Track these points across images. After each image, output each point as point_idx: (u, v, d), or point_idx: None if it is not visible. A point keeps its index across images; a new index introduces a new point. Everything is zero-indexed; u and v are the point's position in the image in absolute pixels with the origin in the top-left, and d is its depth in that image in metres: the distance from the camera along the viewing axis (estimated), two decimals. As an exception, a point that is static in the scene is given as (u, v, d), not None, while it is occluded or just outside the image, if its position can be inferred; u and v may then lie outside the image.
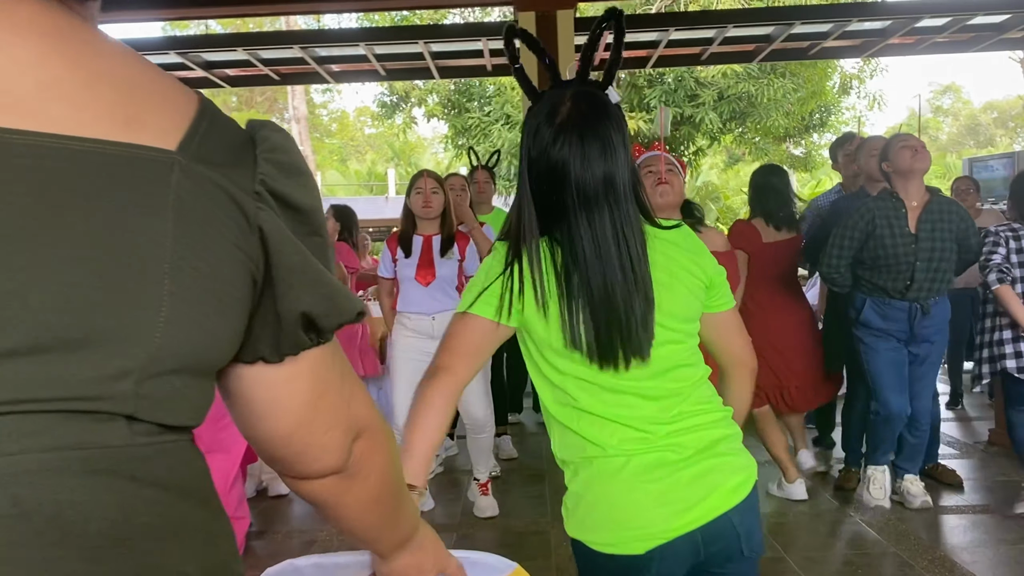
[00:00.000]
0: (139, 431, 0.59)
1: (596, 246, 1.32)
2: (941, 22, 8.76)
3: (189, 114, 0.63)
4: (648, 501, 1.32)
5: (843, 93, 15.89)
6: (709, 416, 1.41)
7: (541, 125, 1.36)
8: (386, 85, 15.37)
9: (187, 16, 13.19)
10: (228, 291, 0.63)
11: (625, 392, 1.36)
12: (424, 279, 3.70)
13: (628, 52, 9.76)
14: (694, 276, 1.43)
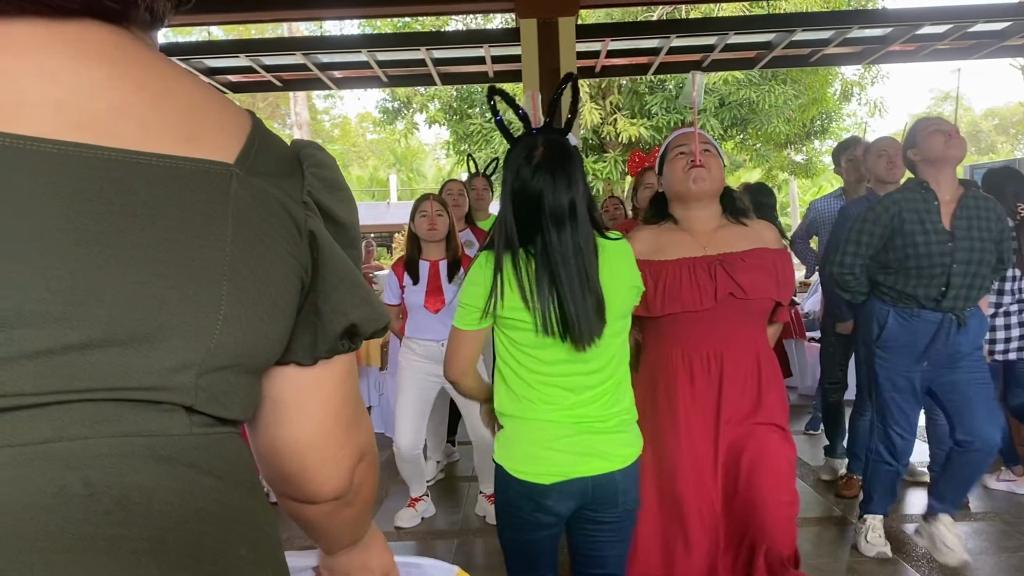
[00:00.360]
0: (197, 422, 0.64)
1: (562, 256, 1.73)
2: (942, 29, 8.78)
3: (244, 131, 0.69)
4: (559, 449, 1.77)
5: (844, 100, 15.90)
6: (618, 403, 1.86)
7: (521, 165, 1.78)
8: (388, 91, 15.40)
9: (189, 22, 13.22)
10: (280, 294, 0.68)
11: (565, 371, 1.79)
12: (433, 306, 3.66)
13: (629, 59, 9.80)
14: (630, 281, 1.90)
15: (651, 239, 2.29)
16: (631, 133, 13.74)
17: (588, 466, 1.77)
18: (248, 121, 0.71)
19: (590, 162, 14.20)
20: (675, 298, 2.18)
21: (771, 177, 17.73)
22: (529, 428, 1.80)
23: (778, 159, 16.85)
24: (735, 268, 2.17)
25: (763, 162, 16.76)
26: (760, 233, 2.27)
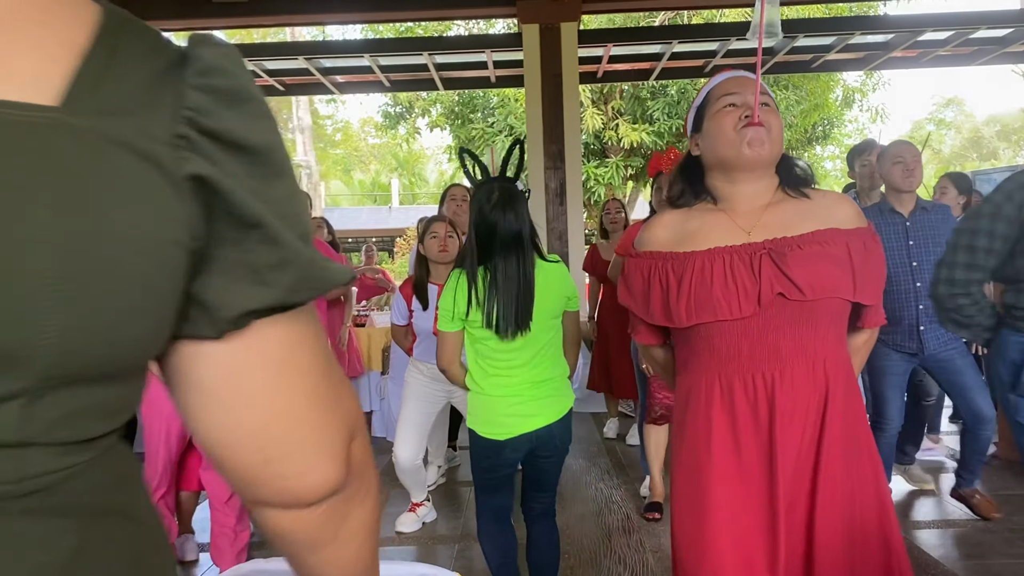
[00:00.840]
0: (34, 460, 0.47)
1: (506, 273, 2.36)
2: (944, 35, 8.79)
3: (78, 43, 0.47)
4: (509, 414, 2.42)
5: (846, 106, 15.90)
6: (552, 373, 2.47)
7: (483, 204, 2.38)
8: (390, 96, 15.43)
9: (191, 27, 13.28)
10: (147, 277, 0.48)
11: (509, 356, 2.41)
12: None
13: (632, 64, 9.81)
14: (561, 291, 2.48)
15: (676, 224, 1.69)
16: (633, 138, 13.75)
17: (531, 423, 2.43)
18: (92, 20, 0.49)
19: (591, 167, 14.21)
20: (705, 303, 1.57)
21: (773, 183, 17.75)
22: (488, 401, 2.45)
23: (780, 165, 16.84)
24: (787, 259, 1.54)
25: (765, 168, 16.74)
26: (829, 209, 1.63)
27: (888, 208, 3.57)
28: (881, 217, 3.54)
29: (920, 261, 3.49)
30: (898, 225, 3.52)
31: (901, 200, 3.55)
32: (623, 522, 3.78)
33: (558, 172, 7.95)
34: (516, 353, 2.40)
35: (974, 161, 35.44)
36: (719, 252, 1.59)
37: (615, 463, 4.84)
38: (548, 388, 2.47)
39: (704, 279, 1.57)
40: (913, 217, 3.53)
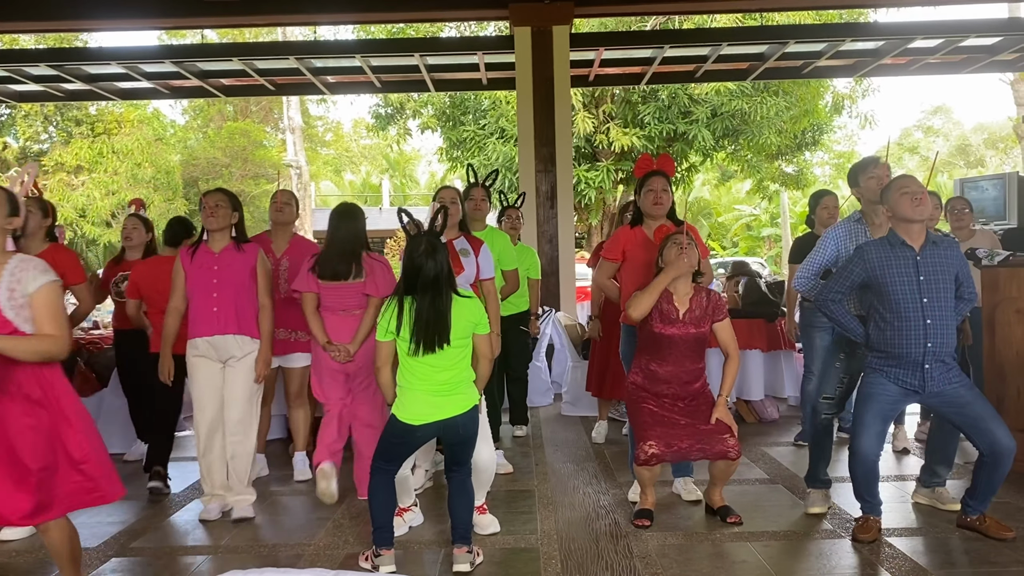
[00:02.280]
0: None
1: (426, 303, 3.11)
2: (934, 43, 8.84)
3: None
4: (423, 406, 3.16)
5: (835, 112, 15.96)
6: (459, 378, 3.21)
7: (412, 251, 3.15)
8: (381, 97, 15.40)
9: (183, 25, 13.23)
10: None
11: (426, 364, 3.14)
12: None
13: (623, 68, 9.82)
14: (470, 319, 3.20)
15: None
16: (623, 142, 13.76)
17: (440, 414, 3.17)
18: None
19: (582, 170, 14.22)
20: None
21: (762, 188, 17.79)
22: (409, 394, 3.18)
23: (769, 170, 16.91)
24: None
25: (754, 173, 16.82)
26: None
27: (899, 242, 3.44)
28: (891, 251, 3.43)
29: (930, 297, 3.38)
30: (908, 260, 3.41)
31: (911, 232, 3.43)
32: (611, 527, 3.77)
33: (549, 175, 7.95)
34: (432, 361, 3.13)
35: (961, 168, 35.67)
36: None
37: (603, 467, 4.83)
38: (455, 389, 3.20)
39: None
40: (924, 252, 3.41)
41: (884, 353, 3.48)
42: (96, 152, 20.56)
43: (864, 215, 3.98)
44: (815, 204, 5.30)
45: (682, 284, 3.80)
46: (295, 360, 4.75)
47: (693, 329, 3.76)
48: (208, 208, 4.02)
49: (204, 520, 3.98)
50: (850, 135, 26.72)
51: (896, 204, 3.44)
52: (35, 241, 4.34)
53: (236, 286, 3.99)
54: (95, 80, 9.43)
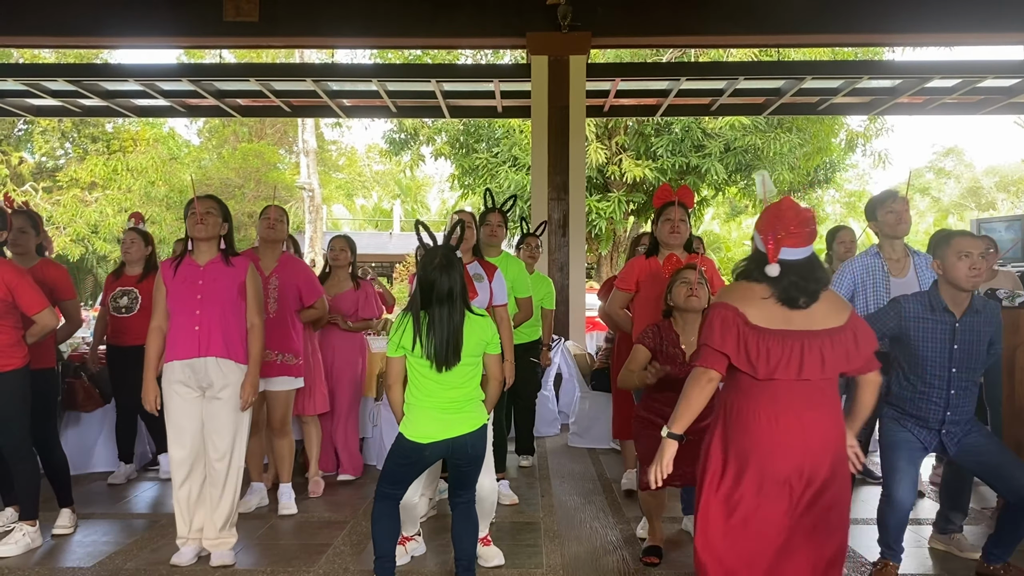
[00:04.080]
0: None
1: (441, 317, 3.03)
2: (951, 83, 8.83)
3: None
4: (431, 424, 3.08)
5: (849, 150, 15.96)
6: (469, 396, 3.14)
7: (427, 264, 3.08)
8: (395, 122, 15.46)
9: (202, 45, 13.34)
10: None
11: (436, 382, 3.06)
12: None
13: (639, 100, 9.82)
14: (482, 337, 3.14)
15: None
16: (636, 174, 13.76)
17: (449, 432, 3.08)
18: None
19: (593, 200, 14.20)
20: None
21: (774, 224, 17.73)
22: (418, 412, 3.09)
23: (781, 206, 16.85)
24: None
25: (766, 208, 16.75)
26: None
27: (941, 307, 3.24)
28: (932, 314, 3.25)
29: (959, 367, 3.23)
30: (946, 327, 3.23)
31: (957, 299, 3.23)
32: (619, 564, 3.67)
33: (561, 203, 7.91)
34: (442, 379, 3.06)
35: (972, 210, 35.57)
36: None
37: (611, 502, 4.73)
38: (464, 407, 3.13)
39: None
40: (964, 319, 3.23)
41: (901, 410, 3.36)
42: (111, 169, 20.67)
43: (881, 249, 3.93)
44: (832, 239, 5.24)
45: (691, 324, 3.54)
46: (279, 384, 4.39)
47: None
48: (197, 214, 3.61)
49: (175, 565, 3.57)
50: (862, 174, 26.72)
51: (951, 268, 3.19)
52: (26, 258, 4.23)
53: (222, 303, 3.60)
54: (112, 96, 9.48)
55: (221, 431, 3.59)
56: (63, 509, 4.07)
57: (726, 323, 2.39)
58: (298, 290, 4.50)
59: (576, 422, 6.49)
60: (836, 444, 2.40)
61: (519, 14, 7.80)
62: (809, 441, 2.35)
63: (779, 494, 2.35)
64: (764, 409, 2.37)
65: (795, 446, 2.34)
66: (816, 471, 2.36)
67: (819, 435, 2.36)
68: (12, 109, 9.97)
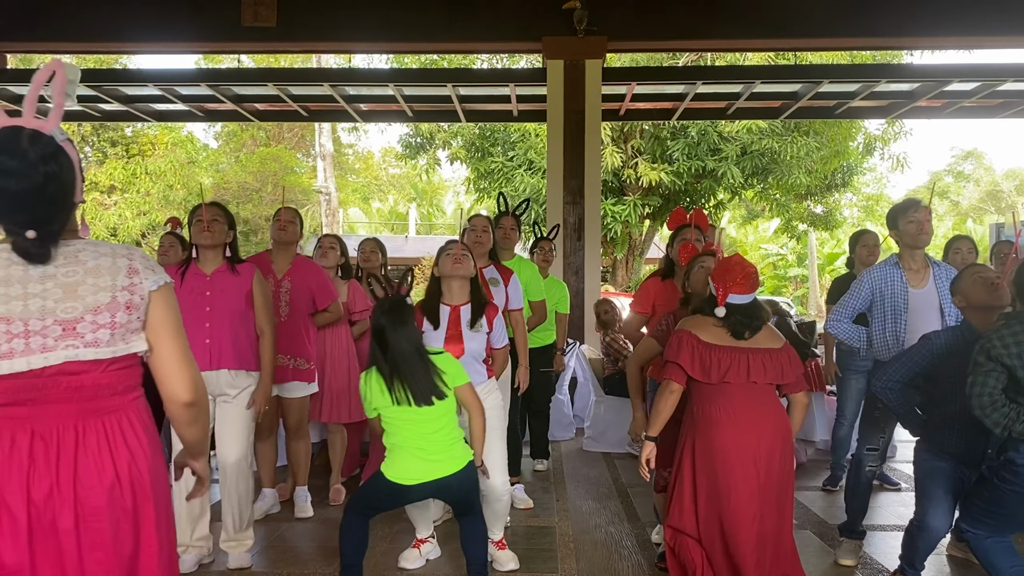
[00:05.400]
0: None
1: (404, 371, 3.04)
2: (970, 87, 8.76)
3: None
4: (414, 465, 3.05)
5: (866, 154, 15.85)
6: (450, 437, 3.11)
7: (380, 317, 3.07)
8: (411, 126, 15.51)
9: (220, 50, 13.43)
10: None
11: (415, 424, 3.05)
12: (453, 354, 3.33)
13: (655, 103, 9.81)
14: (450, 377, 3.11)
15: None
16: (651, 177, 13.73)
17: (433, 473, 3.07)
18: None
19: (609, 204, 14.19)
20: None
21: (790, 228, 17.65)
22: (400, 453, 3.08)
23: (797, 210, 16.79)
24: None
25: (782, 212, 16.70)
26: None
27: (974, 336, 3.06)
28: (965, 346, 3.04)
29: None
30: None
31: (988, 323, 3.08)
32: (634, 569, 3.66)
33: (577, 207, 7.92)
34: (419, 421, 3.04)
35: (992, 214, 35.26)
36: None
37: (626, 506, 4.72)
38: (446, 448, 3.09)
39: None
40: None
41: (940, 447, 3.20)
42: (130, 173, 20.84)
43: (900, 259, 3.86)
44: (855, 243, 5.20)
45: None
46: (294, 390, 4.33)
47: None
48: (203, 222, 3.57)
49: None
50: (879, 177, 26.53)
51: (971, 292, 3.16)
52: None
53: (232, 314, 3.56)
54: (132, 101, 9.57)
55: (232, 433, 3.59)
56: None
57: (682, 342, 2.98)
58: (311, 293, 4.41)
59: (591, 426, 6.48)
60: (784, 431, 2.97)
61: (535, 18, 7.82)
62: (762, 429, 2.92)
63: (746, 474, 2.87)
64: (723, 408, 2.93)
65: (751, 434, 2.89)
66: (772, 451, 2.90)
67: (770, 424, 2.94)
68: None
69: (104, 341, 1.66)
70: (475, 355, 3.53)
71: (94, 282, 1.66)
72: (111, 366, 1.68)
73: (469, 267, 3.52)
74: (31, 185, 1.58)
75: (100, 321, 1.66)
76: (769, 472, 2.89)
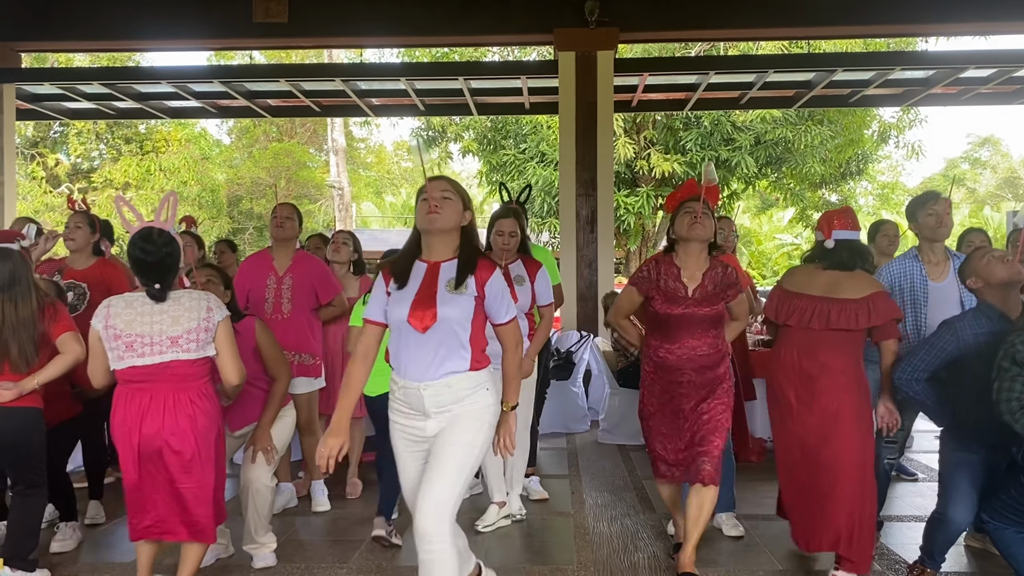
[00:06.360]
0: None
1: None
2: (986, 73, 8.67)
3: None
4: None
5: (881, 142, 15.72)
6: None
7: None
8: (423, 120, 15.52)
9: (232, 47, 13.50)
10: None
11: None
12: (420, 322, 2.54)
13: (667, 94, 9.77)
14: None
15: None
16: (664, 168, 13.68)
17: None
18: None
19: (622, 196, 14.15)
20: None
21: (805, 217, 17.55)
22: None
23: (812, 199, 16.69)
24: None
25: (797, 202, 16.61)
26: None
27: (996, 315, 3.09)
28: (991, 325, 3.08)
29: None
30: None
31: (1009, 302, 3.09)
32: (650, 560, 3.67)
33: (590, 200, 7.90)
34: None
35: (1009, 201, 34.89)
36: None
37: (641, 498, 4.72)
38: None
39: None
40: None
41: (970, 437, 3.15)
42: (144, 170, 20.98)
43: (920, 252, 3.82)
44: (875, 233, 5.14)
45: (693, 257, 3.33)
46: (299, 385, 4.29)
47: (706, 308, 3.28)
48: (197, 284, 3.43)
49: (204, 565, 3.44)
50: (895, 165, 26.32)
51: (990, 273, 3.13)
52: (82, 256, 4.39)
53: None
54: (146, 99, 9.63)
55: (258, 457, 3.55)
56: (92, 501, 4.23)
57: (771, 295, 3.44)
58: (313, 288, 4.45)
59: (606, 419, 6.49)
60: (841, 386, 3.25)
61: (546, 10, 7.80)
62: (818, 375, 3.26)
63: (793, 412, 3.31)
64: (785, 349, 3.36)
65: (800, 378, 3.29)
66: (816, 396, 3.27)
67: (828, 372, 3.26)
68: (49, 112, 10.17)
69: (192, 349, 2.95)
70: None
71: (187, 315, 2.96)
72: (195, 363, 2.97)
73: (450, 217, 2.57)
74: (157, 259, 2.92)
75: (191, 337, 2.95)
76: (811, 414, 3.24)
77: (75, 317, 3.65)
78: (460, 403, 2.58)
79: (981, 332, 3.08)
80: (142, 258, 2.90)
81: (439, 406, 2.57)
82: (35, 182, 20.46)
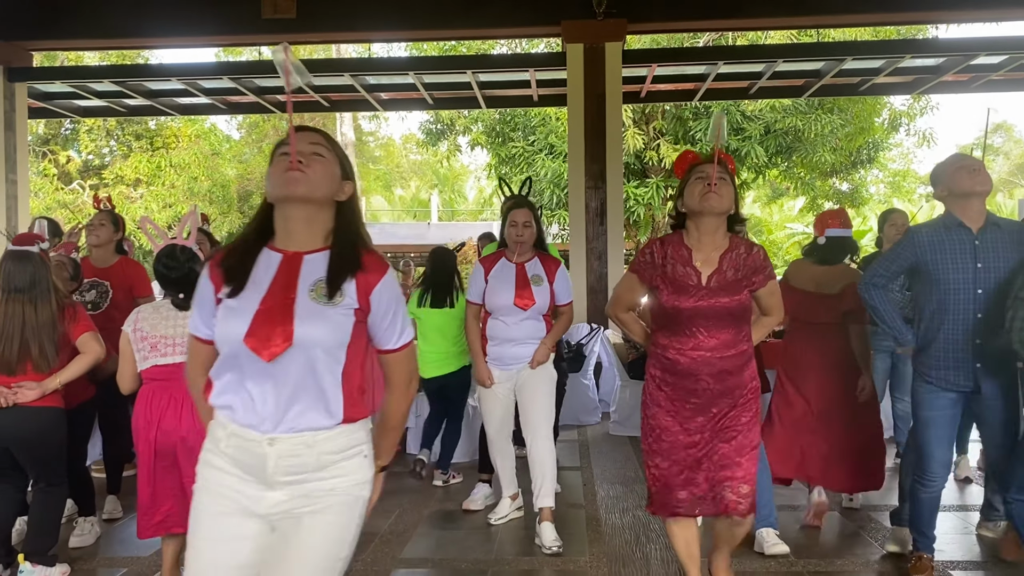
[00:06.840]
0: None
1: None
2: (997, 60, 8.60)
3: None
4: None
5: (892, 130, 15.62)
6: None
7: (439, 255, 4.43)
8: (431, 113, 15.53)
9: (240, 42, 13.51)
10: None
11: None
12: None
13: (676, 84, 9.75)
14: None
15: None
16: (674, 159, 13.62)
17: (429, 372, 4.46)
18: None
19: (631, 187, 14.13)
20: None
21: (816, 206, 17.46)
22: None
23: (823, 188, 16.61)
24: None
25: (808, 191, 16.54)
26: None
27: (955, 223, 3.07)
28: (946, 234, 3.08)
29: (986, 288, 2.98)
30: (965, 244, 3.03)
31: (969, 211, 3.05)
32: (662, 552, 3.69)
33: (599, 192, 7.90)
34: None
35: (1022, 187, 34.63)
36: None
37: (653, 489, 4.74)
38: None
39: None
40: (983, 235, 3.03)
41: (929, 353, 3.14)
42: (154, 166, 21.06)
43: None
44: (883, 222, 5.14)
45: (708, 235, 2.63)
46: None
47: (725, 299, 2.58)
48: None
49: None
50: (906, 153, 26.15)
51: (952, 180, 3.08)
52: (106, 253, 4.47)
53: None
54: (156, 96, 9.67)
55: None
56: (109, 496, 4.33)
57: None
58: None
59: (617, 411, 6.51)
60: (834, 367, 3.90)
61: (554, 3, 7.78)
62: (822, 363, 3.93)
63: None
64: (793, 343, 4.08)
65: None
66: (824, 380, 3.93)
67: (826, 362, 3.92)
68: (60, 110, 10.23)
69: None
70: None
71: None
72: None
73: (320, 181, 1.71)
74: (181, 274, 3.08)
75: None
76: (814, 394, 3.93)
77: (96, 315, 3.73)
78: (322, 474, 1.67)
79: (937, 238, 3.12)
80: (166, 274, 3.10)
81: (290, 472, 1.65)
82: (47, 179, 20.59)
